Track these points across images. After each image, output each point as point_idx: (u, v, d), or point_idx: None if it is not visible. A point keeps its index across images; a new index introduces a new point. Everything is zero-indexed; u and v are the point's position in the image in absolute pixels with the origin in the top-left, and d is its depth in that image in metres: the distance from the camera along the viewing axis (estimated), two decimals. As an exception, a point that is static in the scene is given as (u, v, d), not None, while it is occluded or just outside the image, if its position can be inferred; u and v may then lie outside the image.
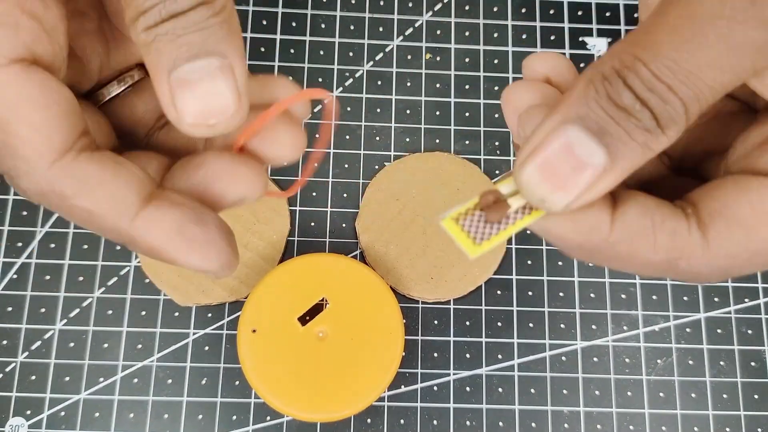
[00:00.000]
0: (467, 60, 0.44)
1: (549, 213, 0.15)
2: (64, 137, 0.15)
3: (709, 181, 0.16)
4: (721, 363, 0.39)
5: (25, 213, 0.40)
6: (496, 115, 0.42)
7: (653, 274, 0.16)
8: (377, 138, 0.42)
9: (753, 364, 0.39)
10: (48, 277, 0.39)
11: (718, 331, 0.40)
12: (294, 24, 0.44)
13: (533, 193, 0.15)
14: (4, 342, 0.38)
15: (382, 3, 0.44)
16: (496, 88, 0.43)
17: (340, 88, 0.43)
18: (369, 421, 0.38)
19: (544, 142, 0.14)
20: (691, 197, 0.16)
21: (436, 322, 0.39)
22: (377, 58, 0.43)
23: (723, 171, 0.17)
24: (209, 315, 0.39)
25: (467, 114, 0.43)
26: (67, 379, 0.38)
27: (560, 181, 0.14)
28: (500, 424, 0.38)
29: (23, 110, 0.15)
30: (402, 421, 0.38)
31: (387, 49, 0.44)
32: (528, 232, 0.41)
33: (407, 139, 0.42)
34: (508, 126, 0.17)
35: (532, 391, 0.39)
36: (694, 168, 0.19)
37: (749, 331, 0.40)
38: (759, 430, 0.38)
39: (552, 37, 0.44)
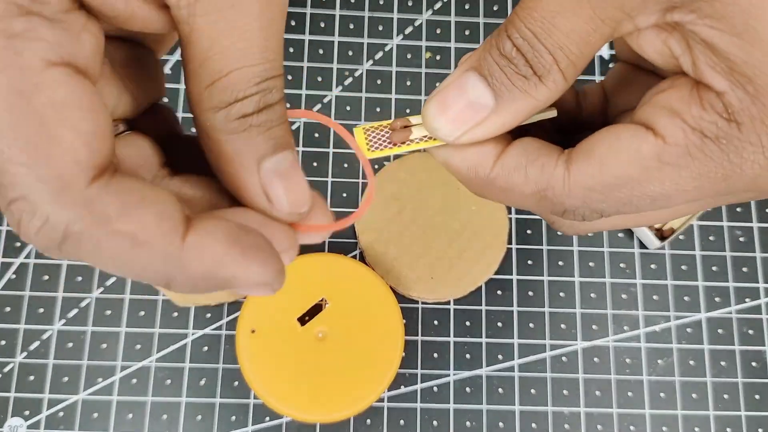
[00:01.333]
0: (467, 59, 0.44)
1: (442, 143, 0.18)
2: (105, 153, 0.13)
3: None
4: (722, 363, 0.39)
5: (23, 213, 0.40)
6: (497, 115, 0.42)
7: (531, 207, 0.18)
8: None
9: (754, 364, 0.39)
10: (46, 278, 0.39)
11: (719, 331, 0.40)
12: (293, 23, 0.44)
13: (429, 123, 0.17)
14: (3, 342, 0.38)
15: (381, 2, 0.44)
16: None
17: (340, 87, 0.43)
18: (369, 421, 0.38)
19: (447, 84, 0.17)
20: (576, 144, 0.18)
21: (436, 322, 0.39)
22: (377, 57, 0.43)
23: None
24: (208, 315, 0.39)
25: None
26: (66, 379, 0.38)
27: (452, 116, 0.16)
28: (500, 424, 0.38)
29: (72, 113, 0.13)
30: (402, 422, 0.38)
31: (386, 48, 0.44)
32: (528, 232, 0.41)
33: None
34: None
35: (533, 391, 0.38)
36: None
37: (750, 332, 0.40)
38: (760, 430, 0.38)
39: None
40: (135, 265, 0.14)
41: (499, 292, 0.40)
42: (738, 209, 0.42)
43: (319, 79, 0.43)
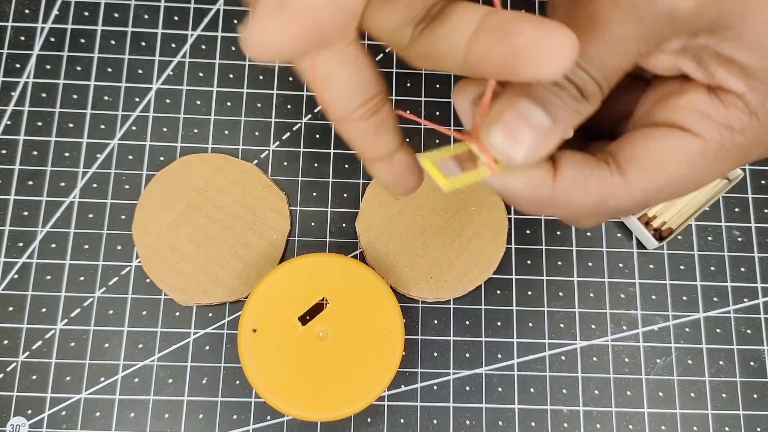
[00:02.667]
0: (467, 60, 0.44)
1: (508, 165, 0.19)
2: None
3: (620, 137, 0.21)
4: (720, 362, 0.39)
5: (26, 213, 0.40)
6: (496, 116, 0.43)
7: (590, 217, 0.20)
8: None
9: (752, 363, 0.39)
10: (49, 277, 0.39)
11: (717, 330, 0.40)
12: (294, 24, 0.44)
13: (499, 148, 0.18)
14: (6, 342, 0.38)
15: (382, 3, 0.44)
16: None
17: (340, 89, 0.43)
18: (369, 420, 0.38)
19: (504, 111, 0.18)
20: (609, 150, 0.20)
21: (435, 321, 0.39)
22: (377, 57, 0.44)
23: (630, 128, 0.21)
24: (210, 315, 0.39)
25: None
26: (68, 378, 0.38)
27: (518, 139, 0.18)
28: (500, 423, 0.38)
29: None
30: (402, 421, 0.38)
31: (387, 49, 0.44)
32: (527, 232, 0.41)
33: (407, 139, 0.42)
34: (458, 111, 0.21)
35: (532, 390, 0.39)
36: (609, 135, 0.24)
37: (748, 331, 0.40)
38: (758, 429, 0.38)
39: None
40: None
41: (498, 292, 0.40)
42: (736, 209, 0.42)
43: (320, 80, 0.43)
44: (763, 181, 0.42)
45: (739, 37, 0.18)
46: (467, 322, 0.39)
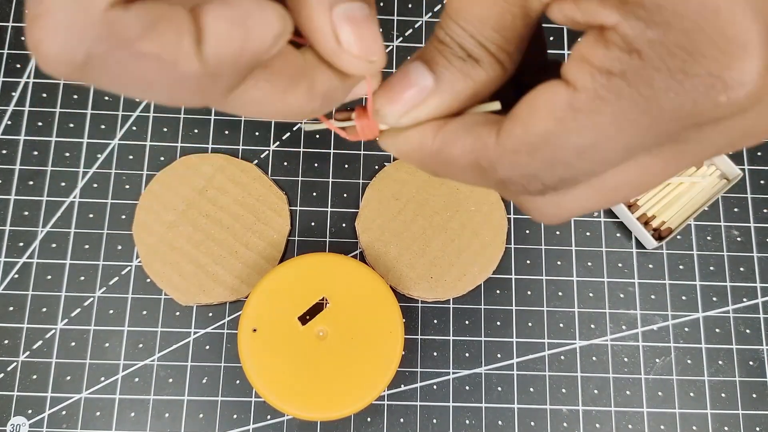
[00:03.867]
0: (467, 60, 0.44)
1: (384, 122, 0.19)
2: None
3: None
4: (720, 362, 0.40)
5: (26, 213, 0.40)
6: (496, 116, 0.43)
7: (473, 180, 0.18)
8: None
9: (751, 363, 0.40)
10: (49, 277, 0.39)
11: (717, 330, 0.40)
12: (294, 25, 0.44)
13: (377, 110, 0.18)
14: (6, 341, 0.38)
15: (381, 3, 0.44)
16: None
17: (340, 89, 0.43)
18: (369, 419, 0.38)
19: (393, 75, 0.18)
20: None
21: (435, 321, 0.40)
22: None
23: None
24: (210, 314, 0.39)
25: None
26: (69, 378, 0.38)
27: (394, 96, 0.18)
28: (499, 422, 0.38)
29: None
30: (402, 420, 0.38)
31: (387, 50, 0.44)
32: (527, 231, 0.41)
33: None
34: None
35: (531, 390, 0.39)
36: None
37: (747, 331, 0.40)
38: (757, 428, 0.38)
39: (551, 38, 0.44)
40: (167, 83, 0.14)
41: (497, 292, 0.40)
42: (735, 209, 0.42)
43: (320, 80, 0.43)
44: (762, 181, 0.42)
45: None
46: (467, 322, 0.40)
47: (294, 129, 0.42)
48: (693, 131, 0.15)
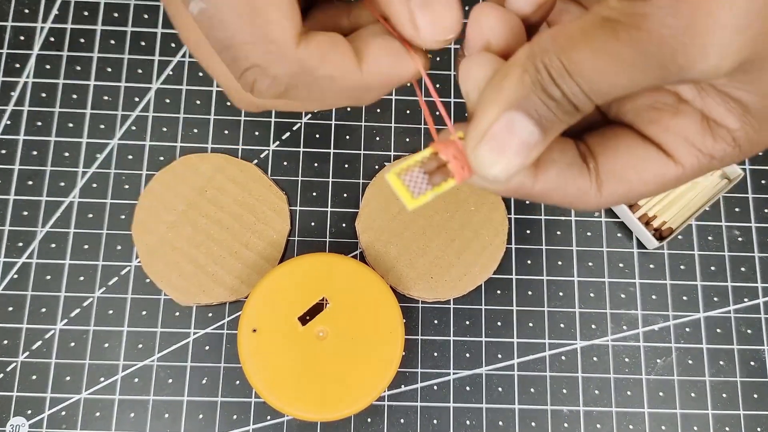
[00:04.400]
0: (467, 60, 0.44)
1: (487, 175, 0.18)
2: (299, 20, 0.18)
3: (607, 128, 0.21)
4: (721, 362, 0.39)
5: (25, 213, 0.40)
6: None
7: (558, 206, 0.20)
8: (377, 138, 0.42)
9: (752, 363, 0.39)
10: (49, 277, 0.39)
11: (718, 330, 0.40)
12: (294, 24, 0.44)
13: (487, 171, 0.18)
14: (5, 342, 0.38)
15: (382, 3, 0.44)
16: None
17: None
18: (369, 420, 0.38)
19: (492, 125, 0.18)
20: (592, 145, 0.20)
21: (435, 321, 0.39)
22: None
23: (617, 112, 0.21)
24: (210, 315, 0.39)
25: (467, 114, 0.43)
26: (68, 378, 0.38)
27: (505, 154, 0.18)
28: (500, 423, 0.38)
29: None
30: (402, 421, 0.38)
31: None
32: (527, 231, 0.41)
33: (407, 139, 0.42)
34: (465, 97, 0.20)
35: (532, 390, 0.39)
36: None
37: (748, 331, 0.40)
38: (758, 429, 0.38)
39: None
40: (332, 95, 0.19)
41: (498, 292, 0.40)
42: (736, 209, 0.42)
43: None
44: (763, 181, 0.42)
45: (751, 83, 0.17)
46: (467, 322, 0.39)
47: (294, 129, 0.42)
48: None
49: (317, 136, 0.42)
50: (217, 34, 0.18)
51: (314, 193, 0.41)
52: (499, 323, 0.40)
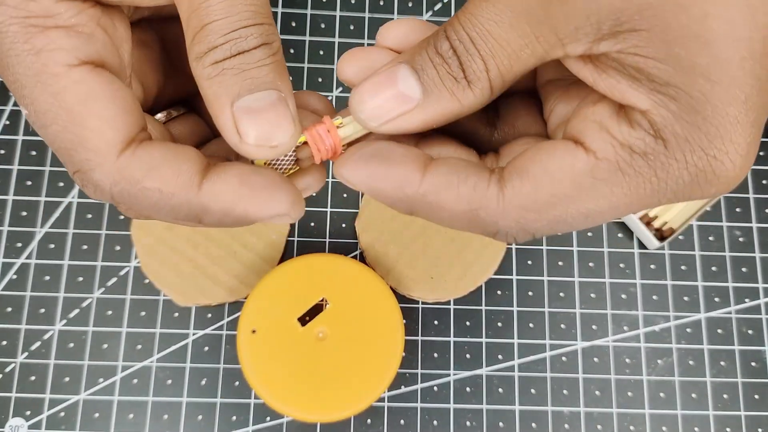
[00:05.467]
0: (467, 60, 0.44)
1: (365, 124, 0.18)
2: (129, 128, 0.17)
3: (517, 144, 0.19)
4: (722, 363, 0.39)
5: (24, 213, 0.40)
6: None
7: (462, 226, 0.18)
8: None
9: (753, 364, 0.39)
10: (47, 278, 0.39)
11: (719, 331, 0.40)
12: (294, 24, 0.44)
13: (355, 106, 0.17)
14: (4, 342, 0.38)
15: (381, 3, 0.44)
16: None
17: (340, 88, 0.43)
18: (369, 421, 0.38)
19: (378, 73, 0.17)
20: (502, 157, 0.19)
21: (436, 322, 0.39)
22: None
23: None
24: (209, 315, 0.39)
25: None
26: (67, 379, 0.38)
27: (379, 103, 0.17)
28: (500, 424, 0.38)
29: (94, 104, 0.17)
30: (402, 422, 0.38)
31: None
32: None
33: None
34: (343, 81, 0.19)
35: (533, 391, 0.39)
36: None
37: (750, 332, 0.40)
38: (760, 430, 0.38)
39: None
40: (167, 210, 0.17)
41: (498, 292, 0.40)
42: (737, 209, 0.42)
43: (320, 80, 0.43)
44: (764, 181, 0.42)
45: (645, 44, 0.15)
46: (467, 323, 0.39)
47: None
48: (672, 201, 0.17)
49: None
50: (45, 138, 0.17)
51: (314, 193, 0.41)
52: (499, 324, 0.39)
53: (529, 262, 0.40)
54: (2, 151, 0.41)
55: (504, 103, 0.21)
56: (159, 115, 0.22)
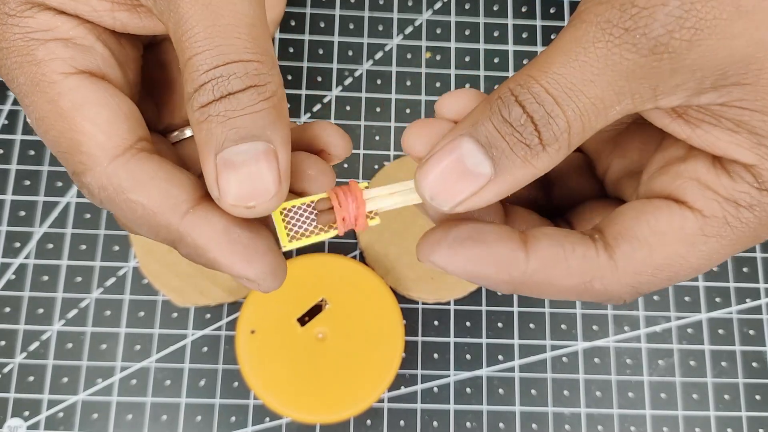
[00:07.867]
0: (467, 59, 0.43)
1: (432, 209, 0.17)
2: (123, 135, 0.17)
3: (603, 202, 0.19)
4: (723, 364, 0.39)
5: (22, 213, 0.40)
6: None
7: (573, 298, 0.17)
8: (377, 138, 0.42)
9: (755, 364, 0.39)
10: (46, 278, 0.39)
11: (720, 331, 0.40)
12: (293, 23, 0.43)
13: (423, 189, 0.16)
14: (2, 343, 0.38)
15: (381, 1, 0.44)
16: (497, 86, 0.43)
17: (340, 87, 0.43)
18: (369, 422, 0.38)
19: (440, 151, 0.16)
20: (595, 225, 0.18)
21: (436, 322, 0.39)
22: (377, 57, 0.43)
23: (635, 195, 0.19)
24: (208, 316, 0.39)
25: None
26: (65, 380, 0.38)
27: (449, 186, 0.16)
28: (501, 425, 0.38)
29: (88, 109, 0.17)
30: (402, 423, 0.38)
31: (386, 48, 0.43)
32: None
33: (407, 139, 0.42)
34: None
35: (533, 392, 0.38)
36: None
37: (751, 332, 0.40)
38: (761, 431, 0.38)
39: (552, 36, 0.44)
40: (147, 226, 0.17)
41: (499, 293, 0.40)
42: (739, 209, 0.42)
43: (319, 79, 0.43)
44: (766, 181, 0.42)
45: (756, 96, 0.14)
46: (468, 324, 0.39)
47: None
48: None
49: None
50: (47, 144, 0.18)
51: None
52: (499, 324, 0.39)
53: (530, 263, 0.40)
54: (0, 151, 0.41)
55: None
56: (174, 133, 0.21)
